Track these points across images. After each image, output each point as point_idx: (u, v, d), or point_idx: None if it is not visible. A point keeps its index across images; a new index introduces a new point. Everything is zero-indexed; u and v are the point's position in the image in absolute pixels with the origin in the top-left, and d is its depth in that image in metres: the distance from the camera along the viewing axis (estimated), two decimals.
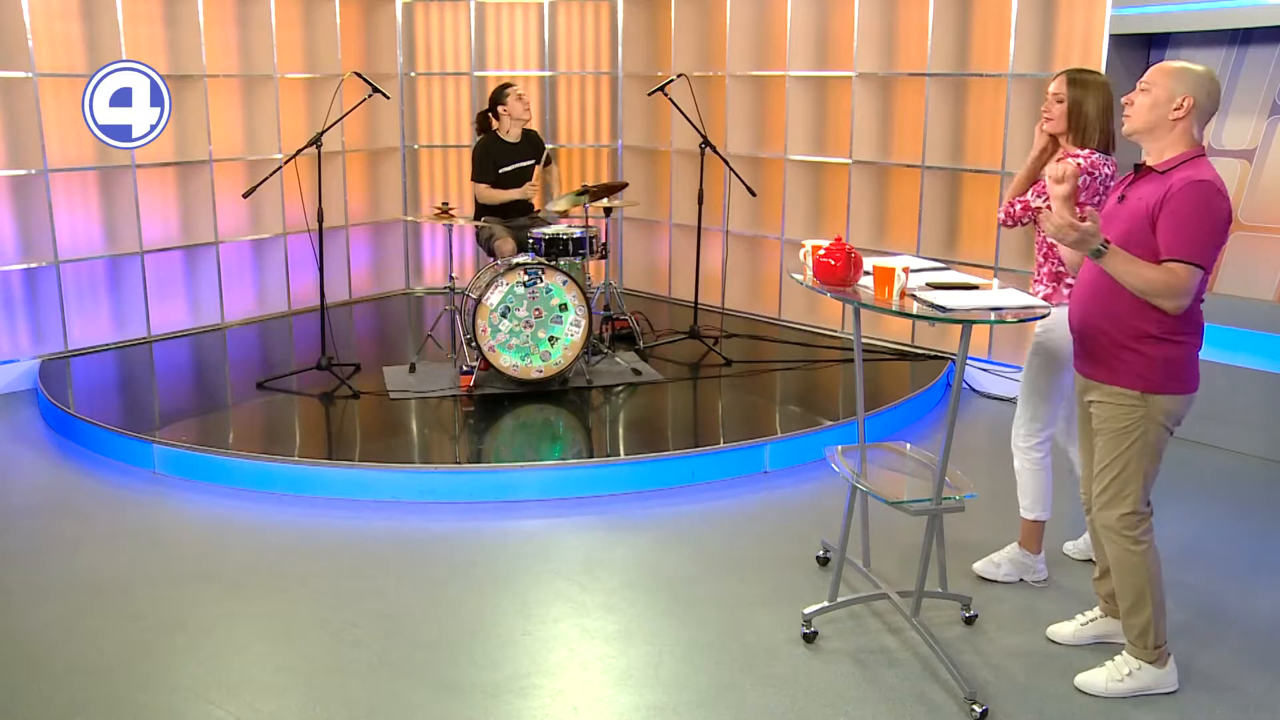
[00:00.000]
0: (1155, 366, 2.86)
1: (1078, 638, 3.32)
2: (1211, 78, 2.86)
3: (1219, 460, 4.99)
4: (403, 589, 3.70)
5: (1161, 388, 2.87)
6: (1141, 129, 2.90)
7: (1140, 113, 2.88)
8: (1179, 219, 2.75)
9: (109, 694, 3.05)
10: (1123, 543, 2.96)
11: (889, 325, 6.49)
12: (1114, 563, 3.01)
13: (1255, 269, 5.04)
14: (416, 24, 7.84)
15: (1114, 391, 2.93)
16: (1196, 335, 2.91)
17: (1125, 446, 2.92)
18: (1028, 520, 3.70)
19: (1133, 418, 2.90)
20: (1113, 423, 2.94)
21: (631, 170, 7.99)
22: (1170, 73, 2.86)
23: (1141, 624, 3.00)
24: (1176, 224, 2.75)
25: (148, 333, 6.57)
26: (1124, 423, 2.91)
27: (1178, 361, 2.87)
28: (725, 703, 3.02)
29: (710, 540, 4.10)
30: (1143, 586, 2.96)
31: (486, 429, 5.11)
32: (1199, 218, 2.75)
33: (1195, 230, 2.75)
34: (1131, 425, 2.90)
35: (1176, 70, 2.86)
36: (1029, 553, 3.72)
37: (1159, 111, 2.85)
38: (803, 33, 6.76)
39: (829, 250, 3.19)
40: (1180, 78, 2.84)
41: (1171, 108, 2.84)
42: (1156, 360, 2.86)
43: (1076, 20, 5.70)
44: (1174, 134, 2.85)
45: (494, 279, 5.31)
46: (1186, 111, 2.83)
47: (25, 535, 4.12)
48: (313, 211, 5.49)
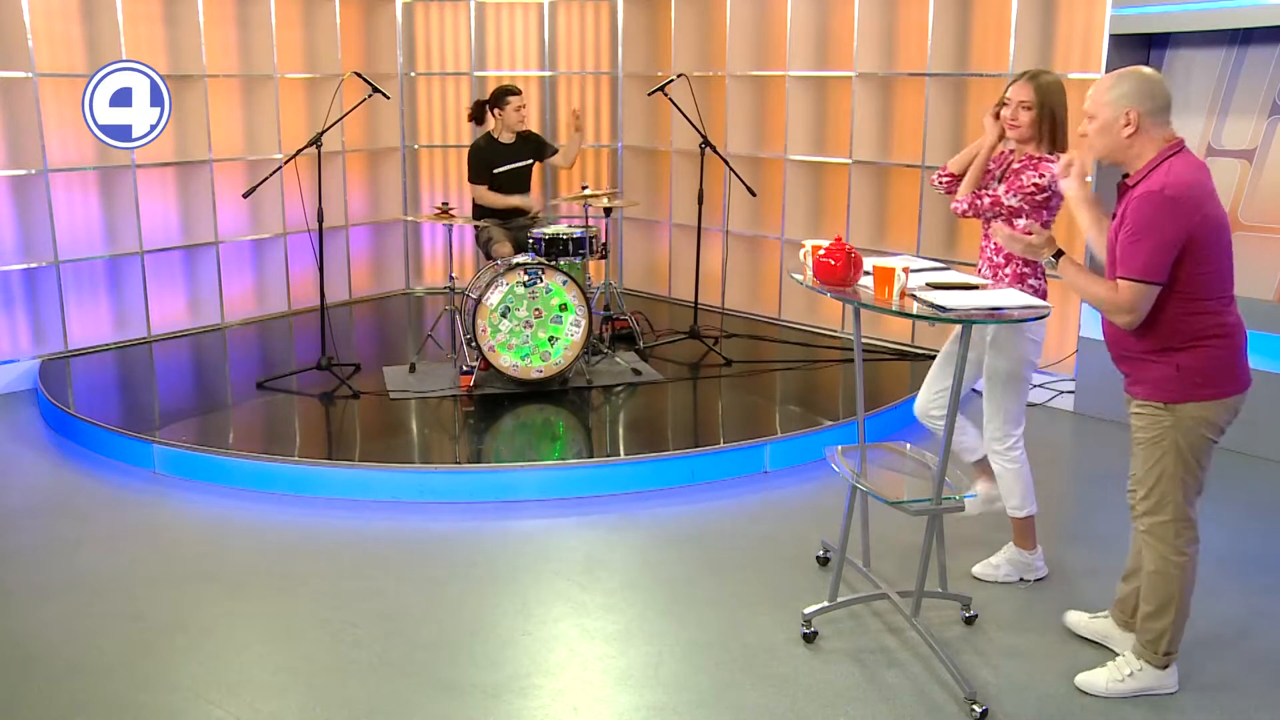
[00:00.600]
0: (1173, 376, 2.84)
1: (1080, 628, 3.36)
2: (1146, 76, 2.82)
3: (1219, 460, 4.96)
4: (403, 589, 3.70)
5: (1186, 396, 2.84)
6: (1104, 155, 2.88)
7: (1095, 142, 2.86)
8: (1130, 234, 2.76)
9: (109, 694, 3.05)
10: (1165, 551, 2.95)
11: (889, 325, 6.49)
12: (1150, 568, 2.99)
13: (1255, 269, 5.04)
14: (416, 24, 7.84)
15: (1141, 404, 2.93)
16: (1223, 339, 2.84)
17: (1159, 457, 2.90)
18: (1018, 519, 3.70)
19: (1161, 427, 2.89)
20: (1143, 433, 2.94)
21: (631, 170, 8.00)
22: (1104, 93, 2.82)
23: (1159, 629, 2.99)
24: (1125, 241, 2.77)
25: (148, 333, 6.57)
26: (1153, 433, 2.90)
27: (1199, 369, 2.83)
28: (725, 703, 3.02)
29: (710, 540, 4.10)
30: (1172, 595, 2.95)
31: (486, 429, 5.11)
32: (1143, 232, 2.73)
33: (1139, 246, 2.74)
34: (1160, 435, 2.89)
35: (1110, 85, 2.82)
36: (1025, 550, 3.72)
37: (1110, 136, 2.83)
38: (803, 33, 6.76)
39: (829, 250, 3.19)
40: (1115, 93, 2.80)
41: (1120, 126, 2.81)
42: (1175, 370, 2.83)
43: (1076, 20, 5.70)
44: (1136, 147, 2.82)
45: (494, 279, 5.31)
46: (1136, 125, 2.79)
47: (25, 535, 4.12)
48: (313, 211, 5.49)
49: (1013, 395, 3.58)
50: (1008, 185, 3.52)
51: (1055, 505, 4.52)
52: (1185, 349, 2.83)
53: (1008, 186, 3.51)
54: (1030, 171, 3.47)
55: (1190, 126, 5.23)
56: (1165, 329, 2.82)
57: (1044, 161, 3.48)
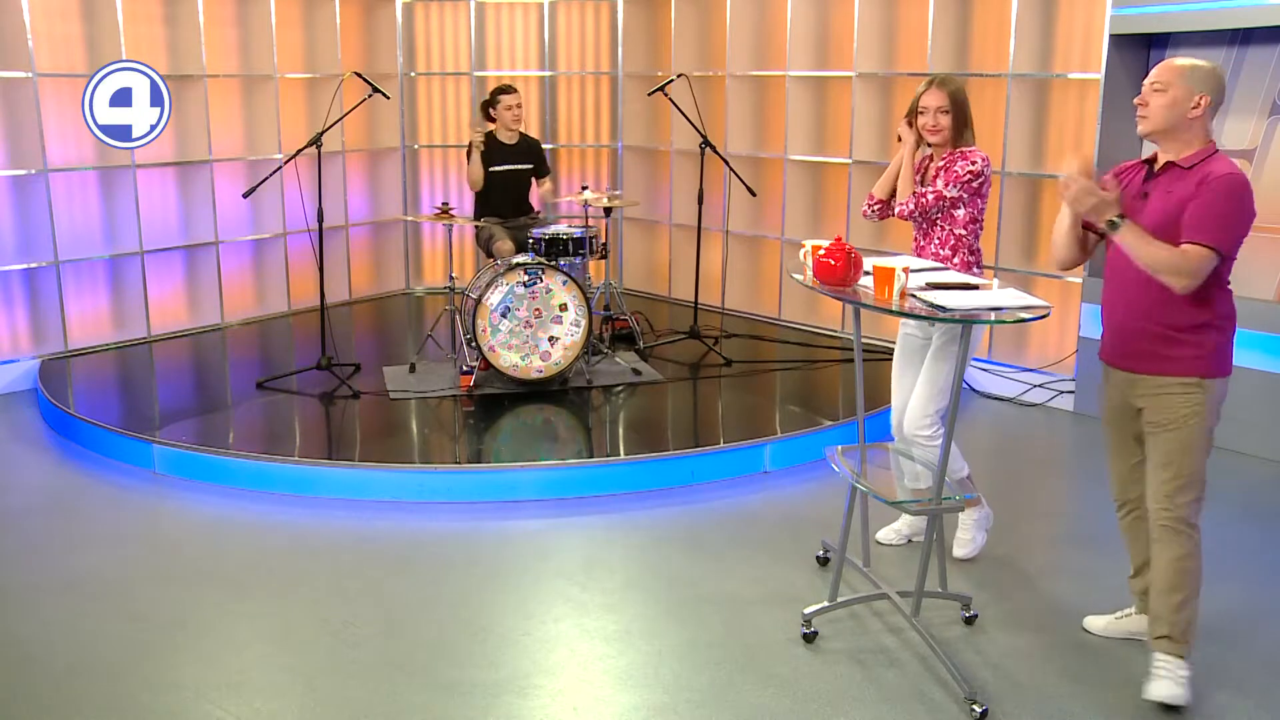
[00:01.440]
0: (1209, 353, 2.91)
1: (1109, 630, 3.36)
2: (1218, 72, 2.92)
3: (1219, 459, 4.97)
4: (403, 589, 3.70)
5: (1217, 371, 2.93)
6: (1162, 128, 2.92)
7: (1158, 113, 2.91)
8: (1208, 206, 2.80)
9: (109, 694, 3.05)
10: (1189, 532, 2.96)
11: (889, 325, 6.48)
12: (1177, 554, 2.96)
13: (1255, 269, 5.05)
14: (416, 24, 7.84)
15: (1169, 382, 2.94)
16: (1234, 321, 2.97)
17: (1189, 434, 2.93)
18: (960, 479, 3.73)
19: (1192, 404, 2.92)
20: (1171, 412, 2.94)
21: (631, 170, 8.00)
22: (1184, 72, 2.89)
23: (1189, 617, 2.99)
24: (1204, 211, 2.80)
25: (148, 333, 6.57)
26: (1184, 410, 2.93)
27: (1223, 347, 2.94)
28: (725, 703, 3.02)
29: (710, 540, 4.10)
30: (1200, 578, 2.98)
31: (486, 429, 5.11)
32: (1231, 207, 2.81)
33: (1222, 218, 2.80)
34: (1191, 412, 2.93)
35: (1189, 69, 2.89)
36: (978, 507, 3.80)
37: (1178, 110, 2.89)
38: (803, 33, 6.76)
39: (829, 250, 3.19)
40: (1194, 76, 2.88)
41: (1189, 106, 2.88)
42: (1209, 346, 2.91)
43: (1076, 20, 5.70)
44: (1192, 131, 2.90)
45: (494, 279, 5.31)
46: (1203, 109, 2.87)
47: (25, 535, 4.12)
48: (313, 211, 5.49)
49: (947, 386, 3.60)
50: (945, 179, 3.66)
51: (1056, 505, 4.52)
52: (1217, 327, 2.92)
53: (946, 180, 3.66)
54: (961, 162, 3.66)
55: None
56: (1207, 306, 2.89)
57: (968, 152, 3.67)
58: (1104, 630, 3.38)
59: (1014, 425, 5.47)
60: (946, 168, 3.68)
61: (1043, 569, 3.85)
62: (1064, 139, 5.83)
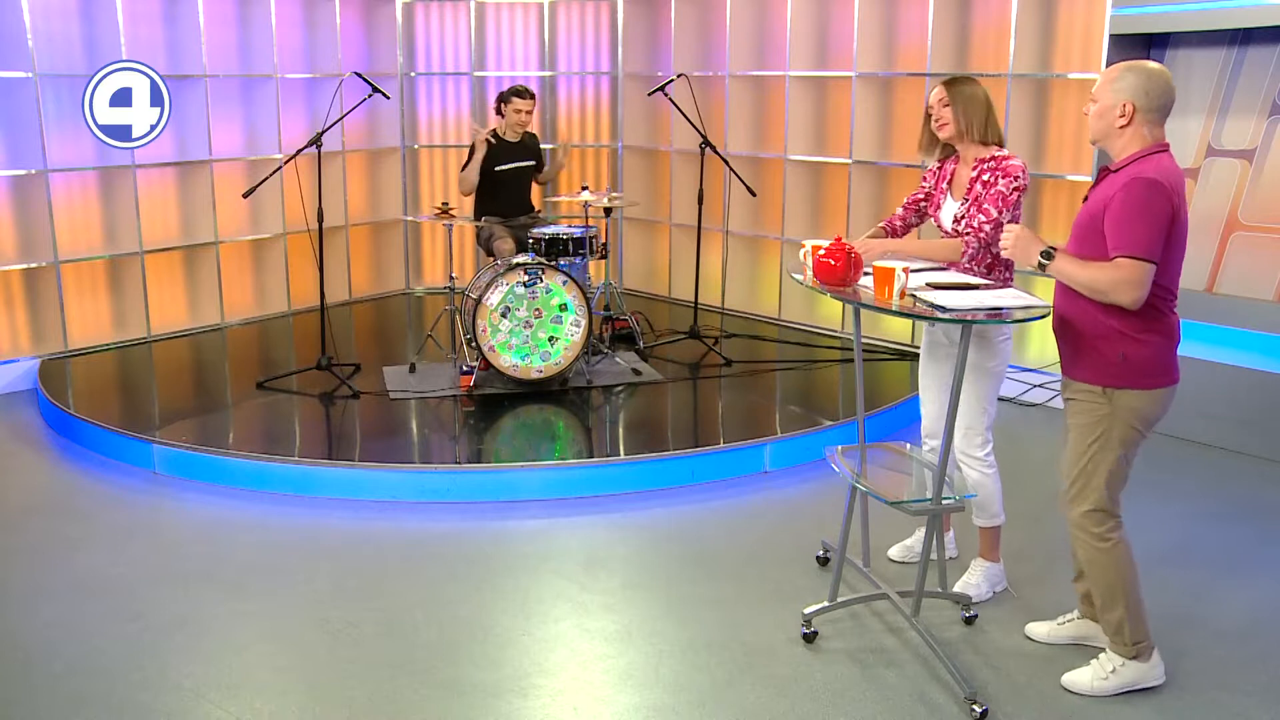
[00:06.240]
0: (1117, 363, 2.89)
1: (1053, 636, 3.34)
2: (1152, 75, 2.87)
3: (1219, 459, 5.00)
4: (403, 589, 3.70)
5: (1125, 383, 2.89)
6: (1095, 137, 2.98)
7: (1090, 122, 2.97)
8: (1121, 215, 2.80)
9: (109, 694, 3.05)
10: (1089, 540, 3.00)
11: (889, 325, 6.49)
12: (1084, 560, 3.06)
13: (1255, 269, 5.04)
14: (416, 24, 7.84)
15: (1081, 388, 2.98)
16: (1166, 335, 2.91)
17: (1089, 442, 2.95)
18: (991, 529, 3.63)
19: (1097, 414, 2.94)
20: (1079, 418, 2.99)
21: (631, 170, 7.99)
22: (1110, 81, 2.91)
23: (1116, 620, 3.02)
24: (1119, 220, 2.80)
25: (148, 333, 6.57)
26: (1089, 418, 2.95)
27: (1142, 359, 2.88)
28: (725, 703, 3.02)
29: (710, 540, 4.10)
30: (1114, 583, 2.99)
31: (486, 429, 5.11)
32: (1139, 213, 2.78)
33: (1136, 225, 2.78)
34: (1095, 422, 2.94)
35: (1116, 77, 2.90)
36: (994, 563, 3.67)
37: (1105, 120, 2.92)
38: (803, 33, 6.76)
39: (829, 250, 3.19)
40: (1119, 85, 2.88)
41: (1115, 115, 2.89)
42: (1120, 357, 2.89)
43: (1076, 20, 5.70)
44: (1125, 138, 2.91)
45: (494, 279, 5.31)
46: (1129, 117, 2.87)
47: (25, 535, 4.12)
48: (313, 211, 5.49)
49: (995, 392, 3.55)
50: (993, 204, 3.42)
51: (1055, 506, 4.51)
52: (1135, 338, 2.88)
53: (994, 205, 3.42)
54: (1004, 180, 3.42)
55: (1190, 126, 5.23)
56: (1119, 316, 2.87)
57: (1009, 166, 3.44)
58: (1047, 637, 3.34)
59: (1014, 425, 5.47)
60: (988, 185, 3.44)
61: (1042, 569, 3.85)
62: (1064, 139, 5.83)
